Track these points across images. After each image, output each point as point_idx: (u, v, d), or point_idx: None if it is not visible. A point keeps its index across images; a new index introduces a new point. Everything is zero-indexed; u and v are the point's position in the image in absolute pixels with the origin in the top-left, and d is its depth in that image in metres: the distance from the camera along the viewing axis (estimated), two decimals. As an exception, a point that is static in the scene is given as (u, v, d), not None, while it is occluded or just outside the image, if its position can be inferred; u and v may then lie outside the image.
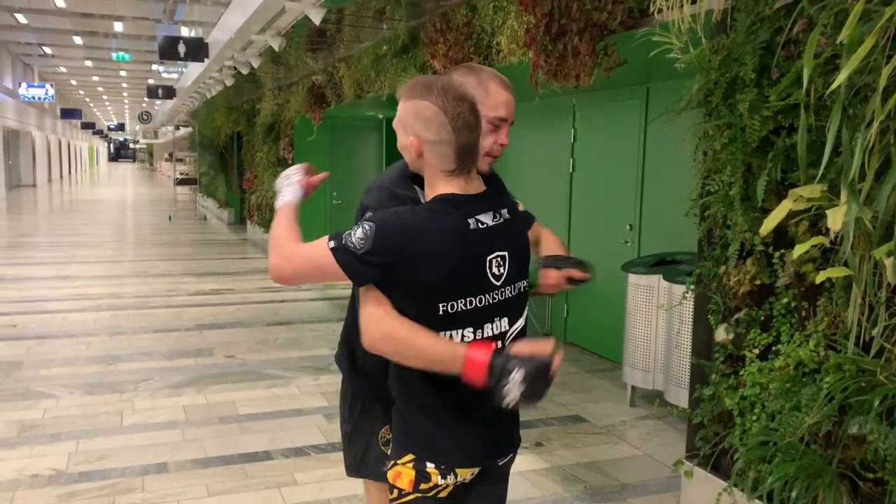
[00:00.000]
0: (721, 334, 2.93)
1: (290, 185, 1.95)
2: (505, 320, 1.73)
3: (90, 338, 6.46)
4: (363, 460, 2.07)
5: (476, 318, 1.67)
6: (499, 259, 1.69)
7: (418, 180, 1.78)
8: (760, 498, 2.57)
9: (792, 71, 2.37)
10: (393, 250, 1.58)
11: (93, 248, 12.74)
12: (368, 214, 1.66)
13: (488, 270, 1.67)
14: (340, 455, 2.13)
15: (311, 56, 8.55)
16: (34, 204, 24.07)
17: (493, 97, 1.82)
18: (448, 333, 1.65)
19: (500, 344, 1.71)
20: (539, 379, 1.56)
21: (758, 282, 2.74)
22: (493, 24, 4.64)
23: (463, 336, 1.66)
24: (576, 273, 1.92)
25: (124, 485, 3.60)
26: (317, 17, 6.06)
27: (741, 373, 2.82)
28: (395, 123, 1.73)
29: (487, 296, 1.68)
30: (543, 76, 4.01)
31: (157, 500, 3.47)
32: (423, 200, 1.75)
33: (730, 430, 2.90)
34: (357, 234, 1.59)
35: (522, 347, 1.60)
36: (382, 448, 2.02)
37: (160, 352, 6.07)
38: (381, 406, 1.95)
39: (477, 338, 1.67)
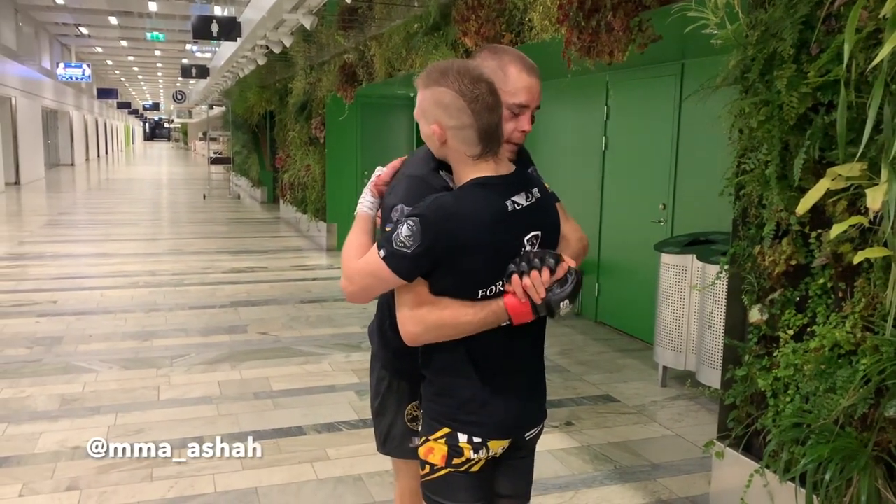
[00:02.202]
0: (755, 315, 2.90)
1: (365, 191, 1.89)
2: None
3: (127, 314, 6.60)
4: (388, 436, 2.07)
5: None
6: (533, 239, 1.71)
7: (445, 166, 1.76)
8: (793, 480, 2.54)
9: (832, 46, 2.31)
10: (440, 239, 1.59)
11: (129, 226, 12.97)
12: (408, 210, 1.64)
13: (523, 251, 1.69)
14: (372, 432, 2.15)
15: (342, 34, 8.55)
16: (72, 183, 24.53)
17: (512, 82, 1.76)
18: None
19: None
20: (580, 283, 1.68)
21: (793, 262, 2.70)
22: (525, 1, 4.58)
23: None
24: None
25: (161, 458, 3.69)
26: (348, -5, 6.05)
27: (775, 354, 2.79)
28: (415, 114, 1.73)
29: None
30: (576, 53, 3.96)
31: (192, 473, 3.55)
32: (452, 187, 1.73)
33: (762, 412, 2.87)
34: (403, 233, 1.59)
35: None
36: (409, 425, 2.02)
37: (195, 328, 6.18)
38: (408, 382, 1.96)
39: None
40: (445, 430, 1.75)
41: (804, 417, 2.55)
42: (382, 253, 1.62)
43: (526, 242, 1.69)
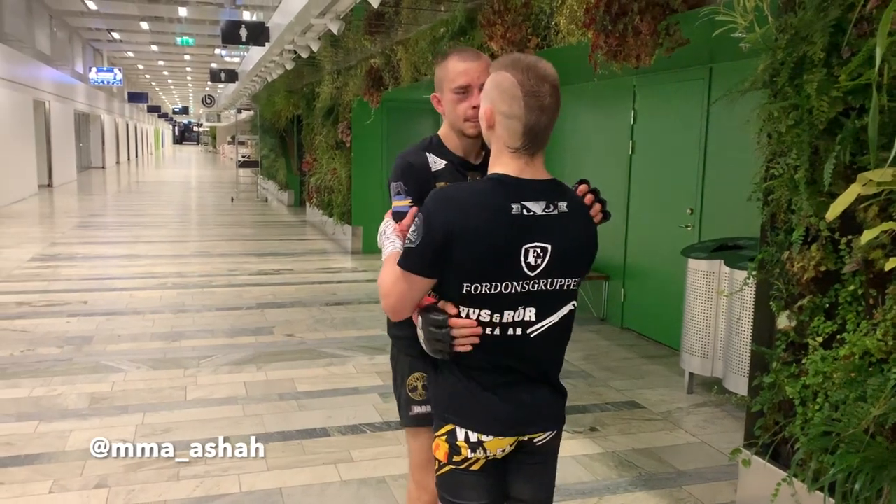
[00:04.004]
0: (783, 321, 2.86)
1: (388, 239, 1.89)
2: (531, 311, 1.69)
3: (155, 315, 6.68)
4: (399, 407, 2.26)
5: (497, 303, 1.66)
6: (538, 250, 1.65)
7: (433, 148, 2.06)
8: (822, 489, 2.51)
9: (864, 50, 2.28)
10: (439, 223, 1.61)
11: (158, 228, 13.14)
12: (414, 208, 1.77)
13: (522, 259, 1.64)
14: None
15: (369, 39, 8.59)
16: (103, 185, 24.92)
17: (451, 72, 1.99)
18: (465, 311, 1.68)
19: (519, 331, 1.70)
20: (428, 334, 1.70)
21: (823, 268, 2.66)
22: (551, 5, 4.58)
23: (479, 315, 1.67)
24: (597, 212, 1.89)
25: (188, 457, 3.73)
26: (375, 0, 6.09)
27: (803, 361, 2.75)
28: (481, 95, 1.76)
29: (516, 284, 1.65)
30: (603, 57, 3.95)
31: (218, 473, 3.58)
32: (430, 166, 2.02)
33: (790, 420, 2.83)
34: (412, 232, 1.65)
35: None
36: (409, 394, 2.19)
37: (222, 329, 6.24)
38: (407, 356, 2.18)
39: (494, 321, 1.67)
40: (448, 427, 1.77)
41: (833, 426, 2.52)
42: (399, 261, 1.69)
43: (527, 251, 1.64)
